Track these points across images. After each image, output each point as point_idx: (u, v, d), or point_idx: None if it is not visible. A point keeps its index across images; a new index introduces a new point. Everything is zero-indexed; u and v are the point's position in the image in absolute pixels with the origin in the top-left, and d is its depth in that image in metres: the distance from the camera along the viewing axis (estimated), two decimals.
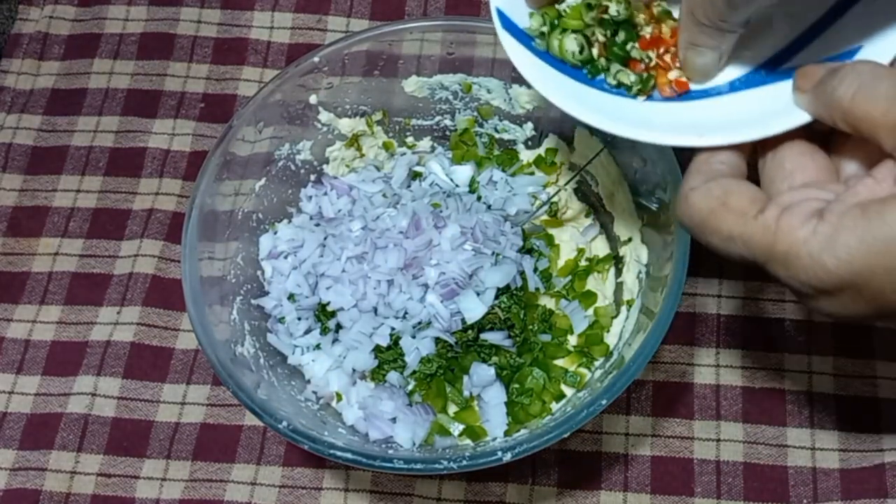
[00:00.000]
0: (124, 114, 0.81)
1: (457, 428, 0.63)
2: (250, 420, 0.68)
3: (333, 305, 0.64)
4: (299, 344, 0.65)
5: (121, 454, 0.68)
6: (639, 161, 0.62)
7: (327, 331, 0.65)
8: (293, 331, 0.65)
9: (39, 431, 0.69)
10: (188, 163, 0.78)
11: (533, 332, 0.65)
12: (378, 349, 0.63)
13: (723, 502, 0.64)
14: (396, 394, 0.62)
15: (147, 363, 0.71)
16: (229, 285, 0.63)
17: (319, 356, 0.64)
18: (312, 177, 0.70)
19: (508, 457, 0.51)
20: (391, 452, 0.58)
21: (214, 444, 0.68)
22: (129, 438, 0.68)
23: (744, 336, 0.69)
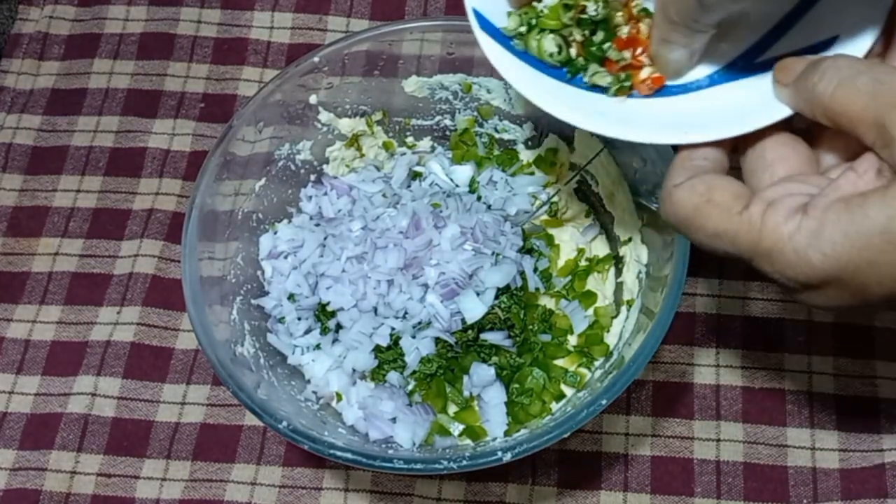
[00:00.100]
0: (124, 114, 0.81)
1: (457, 428, 0.63)
2: (250, 420, 0.68)
3: (333, 305, 0.64)
4: (299, 344, 0.65)
5: (121, 454, 0.68)
6: (639, 161, 0.62)
7: (327, 331, 0.65)
8: (293, 331, 0.65)
9: (39, 431, 0.69)
10: (188, 163, 0.78)
11: (533, 332, 0.65)
12: (378, 349, 0.63)
13: (723, 502, 0.64)
14: (396, 394, 0.62)
15: (147, 363, 0.71)
16: (229, 285, 0.63)
17: (319, 356, 0.64)
18: (312, 177, 0.70)
19: (508, 457, 0.51)
20: (391, 452, 0.58)
21: (214, 444, 0.68)
22: (129, 438, 0.68)
23: (744, 336, 0.69)
